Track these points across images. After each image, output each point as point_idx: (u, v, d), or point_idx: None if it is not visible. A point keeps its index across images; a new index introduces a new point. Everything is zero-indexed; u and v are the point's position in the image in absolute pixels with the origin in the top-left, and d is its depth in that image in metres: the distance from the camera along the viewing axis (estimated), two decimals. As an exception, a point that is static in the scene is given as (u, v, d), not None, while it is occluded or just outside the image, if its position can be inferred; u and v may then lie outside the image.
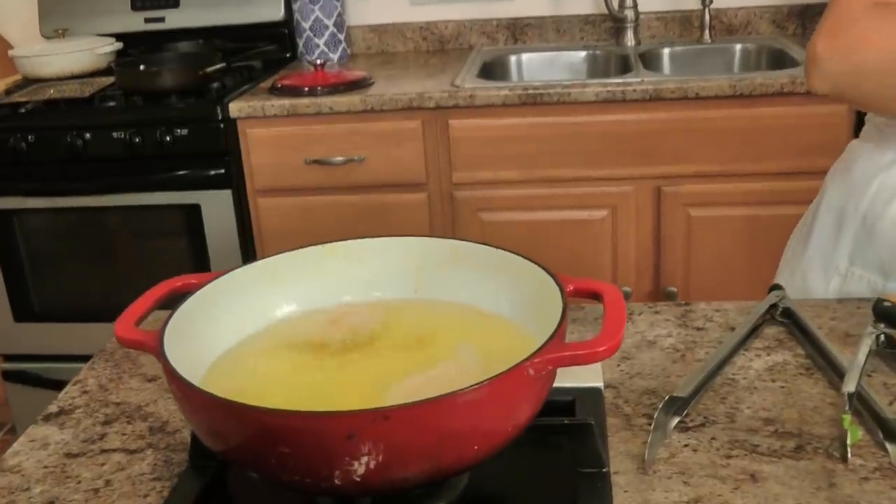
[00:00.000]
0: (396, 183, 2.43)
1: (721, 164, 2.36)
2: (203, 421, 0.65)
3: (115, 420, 0.93)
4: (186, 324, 0.75)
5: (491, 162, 2.40)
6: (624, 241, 2.47)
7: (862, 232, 1.17)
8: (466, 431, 0.61)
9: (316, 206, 2.44)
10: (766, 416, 0.87)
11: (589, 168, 2.40)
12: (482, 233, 2.47)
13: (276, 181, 2.41)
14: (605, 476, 0.74)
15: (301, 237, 2.46)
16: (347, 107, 2.34)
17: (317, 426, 0.58)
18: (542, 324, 0.73)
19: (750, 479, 0.79)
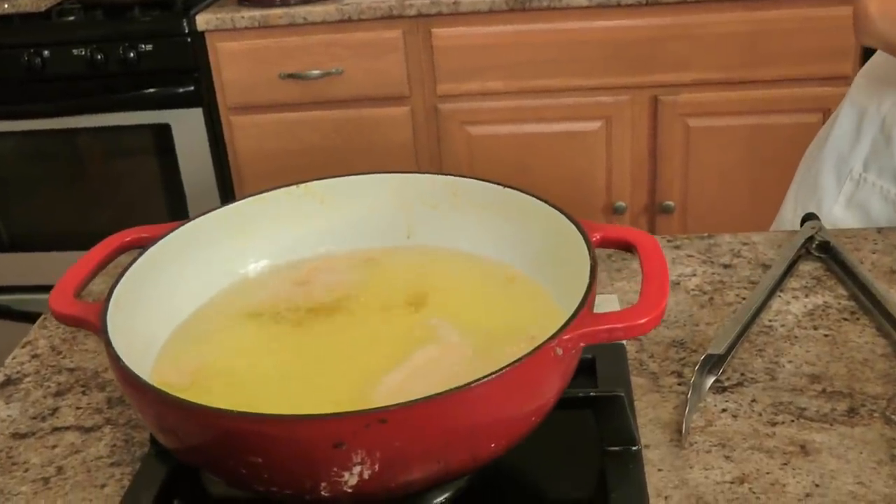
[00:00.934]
0: (377, 96, 2.29)
1: (721, 71, 2.23)
2: (156, 422, 0.54)
3: (68, 390, 0.81)
4: (137, 290, 0.63)
5: (477, 72, 2.26)
6: (619, 153, 2.34)
7: (880, 136, 1.08)
8: (481, 428, 0.50)
9: (292, 122, 2.30)
10: (810, 372, 0.77)
11: (582, 77, 2.26)
12: (469, 147, 2.34)
13: (249, 98, 2.26)
14: (637, 455, 0.64)
15: (278, 156, 2.34)
16: (323, 16, 2.18)
17: (294, 434, 0.47)
18: (560, 280, 0.62)
19: (800, 452, 0.69)
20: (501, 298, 0.68)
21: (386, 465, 0.48)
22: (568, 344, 0.52)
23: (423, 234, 0.73)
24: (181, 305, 0.68)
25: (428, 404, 0.46)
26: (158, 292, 0.66)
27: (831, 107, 2.21)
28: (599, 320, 0.53)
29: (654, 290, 0.55)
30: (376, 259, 0.74)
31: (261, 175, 2.33)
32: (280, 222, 0.73)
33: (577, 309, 0.53)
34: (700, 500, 0.64)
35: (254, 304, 0.69)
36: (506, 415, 0.51)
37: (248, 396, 0.59)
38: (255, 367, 0.63)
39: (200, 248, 0.69)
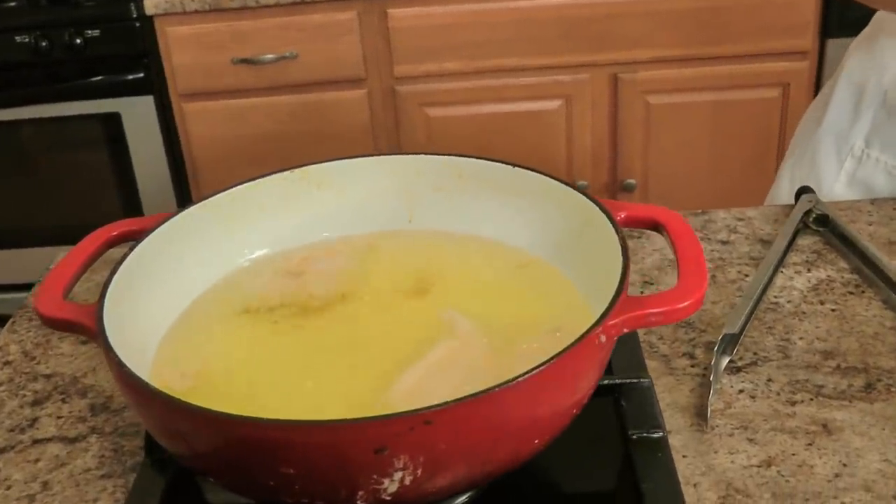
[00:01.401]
0: (333, 80, 2.24)
1: (680, 48, 2.22)
2: (171, 433, 0.49)
3: (46, 399, 0.76)
4: (129, 288, 0.58)
5: (435, 53, 2.22)
6: (579, 132, 2.33)
7: (882, 110, 1.05)
8: (526, 424, 0.47)
9: (247, 108, 2.23)
10: (823, 349, 0.75)
11: (541, 56, 2.24)
12: (428, 129, 2.30)
13: (201, 84, 2.19)
14: (664, 443, 0.61)
15: (232, 143, 2.28)
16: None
17: (333, 440, 0.43)
18: (580, 264, 0.59)
19: (823, 431, 0.67)
20: (516, 286, 0.64)
21: (429, 470, 0.44)
22: (612, 331, 0.49)
23: (426, 218, 0.69)
24: (174, 303, 0.63)
25: (475, 402, 0.43)
26: (151, 290, 0.61)
27: (791, 81, 2.23)
28: (641, 304, 0.50)
29: (692, 271, 0.52)
30: (376, 245, 0.70)
31: (215, 163, 2.27)
32: (275, 209, 0.69)
33: (616, 293, 0.50)
34: (730, 486, 0.62)
35: (251, 299, 0.65)
36: (551, 408, 0.48)
37: (257, 401, 0.55)
38: (259, 368, 0.59)
39: (192, 240, 0.65)
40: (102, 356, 0.80)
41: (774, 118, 2.27)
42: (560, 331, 0.54)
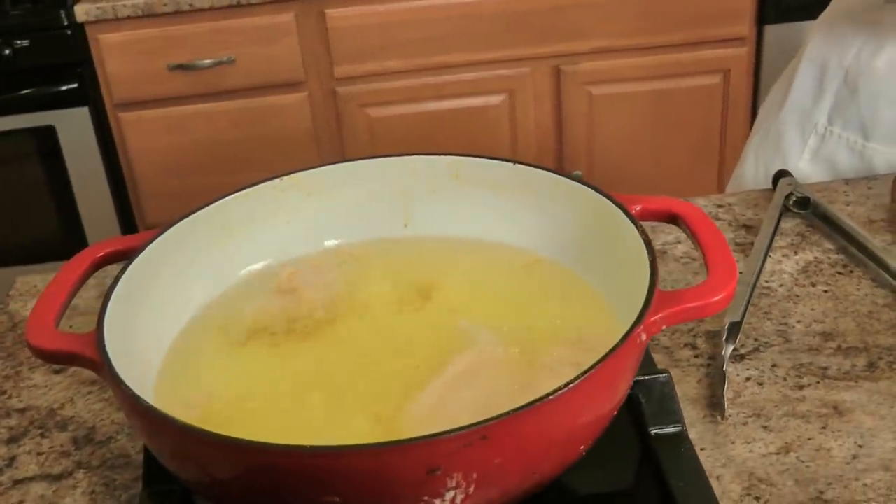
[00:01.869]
0: (272, 83, 2.20)
1: (620, 38, 2.23)
2: (196, 467, 0.46)
3: (23, 435, 0.72)
4: (125, 313, 0.54)
5: (375, 52, 2.20)
6: (523, 126, 2.32)
7: (844, 88, 1.07)
8: (576, 430, 0.45)
9: (185, 116, 2.18)
10: (821, 331, 0.75)
11: (482, 51, 2.23)
12: (370, 130, 2.28)
13: (137, 92, 2.13)
14: (685, 437, 0.60)
15: (172, 152, 2.22)
16: (210, 1, 2.07)
17: (383, 464, 0.40)
18: (593, 262, 0.57)
19: (834, 414, 0.66)
20: (526, 289, 0.62)
21: (482, 486, 0.42)
22: (652, 328, 0.47)
23: (422, 222, 0.67)
24: (169, 327, 0.60)
25: (531, 412, 0.41)
26: (145, 314, 0.58)
27: (731, 68, 2.26)
28: (678, 300, 0.48)
29: (722, 262, 0.51)
30: (371, 254, 0.67)
31: (155, 174, 2.21)
32: (265, 220, 0.66)
33: (650, 290, 0.48)
34: (752, 475, 0.61)
35: (246, 321, 0.62)
36: (597, 412, 0.46)
37: (273, 428, 0.52)
38: (266, 393, 0.56)
39: (184, 258, 0.61)
40: (78, 384, 0.77)
41: (716, 104, 2.29)
42: (582, 340, 0.52)
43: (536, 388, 0.44)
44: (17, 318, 0.87)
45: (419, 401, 0.53)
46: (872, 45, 1.03)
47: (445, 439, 0.40)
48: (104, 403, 0.75)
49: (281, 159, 2.26)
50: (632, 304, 0.51)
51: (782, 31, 2.18)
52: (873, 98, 1.04)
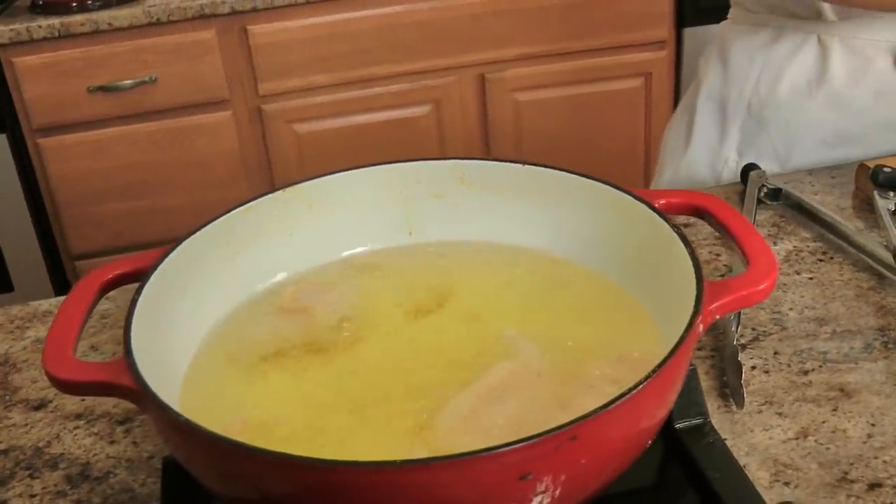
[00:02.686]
0: (196, 103, 2.15)
1: (544, 44, 2.25)
2: (268, 493, 0.43)
3: (10, 477, 0.67)
4: (144, 338, 0.52)
5: (299, 68, 2.17)
6: (451, 135, 2.33)
7: (749, 120, 1.09)
8: (651, 423, 0.45)
9: (107, 139, 2.12)
10: (814, 316, 0.76)
11: (406, 62, 2.23)
12: (298, 146, 2.25)
13: (56, 117, 2.06)
14: (709, 428, 0.60)
15: (95, 177, 2.15)
16: (129, 20, 2.01)
17: (477, 472, 0.39)
18: (616, 260, 0.57)
19: (842, 396, 0.68)
20: (551, 292, 0.61)
21: (567, 488, 0.41)
22: (708, 318, 0.47)
23: (427, 230, 0.66)
24: (185, 350, 0.57)
25: (618, 410, 0.40)
26: (161, 339, 0.55)
27: (652, 70, 2.30)
28: (728, 289, 0.49)
29: (760, 251, 0.51)
30: (378, 265, 0.66)
31: (78, 201, 2.13)
32: (269, 235, 0.64)
33: (698, 280, 0.48)
34: (777, 462, 0.62)
35: (259, 343, 0.60)
36: (668, 402, 0.46)
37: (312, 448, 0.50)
38: (295, 415, 0.54)
39: (193, 279, 0.59)
40: (62, 418, 0.74)
41: (639, 107, 2.34)
42: (623, 354, 0.52)
43: (576, 404, 0.43)
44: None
45: (451, 407, 0.52)
46: (770, 74, 1.06)
47: (537, 443, 0.39)
48: (94, 437, 0.71)
49: (208, 180, 2.21)
50: (667, 302, 0.51)
51: (701, 33, 2.23)
52: (782, 126, 1.06)
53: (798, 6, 1.02)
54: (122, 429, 0.72)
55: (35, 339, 0.84)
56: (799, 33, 1.03)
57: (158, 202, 2.19)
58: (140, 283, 0.55)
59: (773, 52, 1.05)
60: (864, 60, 1.01)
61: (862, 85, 1.01)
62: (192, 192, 2.20)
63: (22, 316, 0.88)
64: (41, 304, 0.90)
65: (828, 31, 1.02)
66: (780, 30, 1.05)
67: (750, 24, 1.08)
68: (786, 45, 1.04)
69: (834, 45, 1.02)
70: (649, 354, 0.46)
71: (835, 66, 1.02)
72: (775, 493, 0.59)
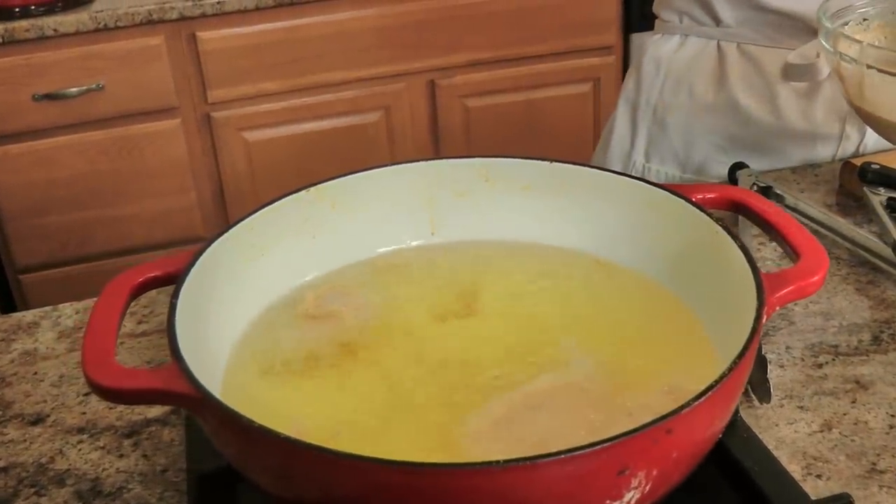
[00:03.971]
0: (143, 110, 2.10)
1: (492, 50, 2.26)
2: (342, 497, 0.42)
3: (13, 497, 0.64)
4: (185, 345, 0.50)
5: (249, 75, 2.14)
6: (401, 141, 2.32)
7: (654, 125, 1.14)
8: (727, 416, 0.44)
9: (54, 149, 2.05)
10: (820, 311, 0.78)
11: (356, 69, 2.21)
12: (247, 154, 2.22)
13: (1, 125, 1.98)
14: (742, 422, 0.60)
15: (42, 188, 2.08)
16: (75, 26, 1.96)
17: (578, 469, 0.38)
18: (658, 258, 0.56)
19: (859, 388, 0.69)
20: (594, 295, 0.60)
21: (656, 482, 0.41)
22: (770, 309, 0.47)
23: (451, 229, 0.65)
24: (215, 358, 0.56)
25: (708, 401, 0.39)
26: (197, 343, 0.53)
27: (601, 76, 2.33)
28: (785, 281, 0.49)
29: (808, 243, 0.51)
30: (402, 265, 0.65)
31: (24, 213, 2.07)
32: (293, 236, 0.62)
33: (755, 273, 0.48)
34: (806, 455, 0.63)
35: (290, 349, 0.58)
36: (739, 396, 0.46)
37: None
38: (342, 418, 0.53)
39: (223, 283, 0.57)
40: (63, 433, 0.71)
41: (588, 112, 2.36)
42: (673, 385, 0.52)
43: (609, 430, 0.43)
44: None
45: (484, 411, 0.51)
46: (673, 80, 1.10)
47: (636, 437, 0.38)
48: (101, 451, 0.69)
49: (156, 189, 2.16)
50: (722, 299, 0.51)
51: (648, 39, 2.26)
52: (682, 131, 1.11)
53: (699, 11, 1.07)
54: (130, 442, 0.70)
55: (22, 351, 0.81)
56: (702, 39, 1.08)
57: (107, 212, 2.13)
58: (175, 286, 0.53)
59: (676, 58, 1.10)
60: (756, 67, 1.05)
61: (753, 92, 1.05)
62: (141, 202, 2.15)
63: (6, 328, 0.85)
64: (25, 316, 0.86)
65: (727, 38, 1.06)
66: (685, 37, 1.10)
67: (662, 33, 1.14)
68: (689, 52, 1.09)
69: (731, 52, 1.06)
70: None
71: (731, 73, 1.06)
72: (809, 486, 0.60)
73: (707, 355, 0.51)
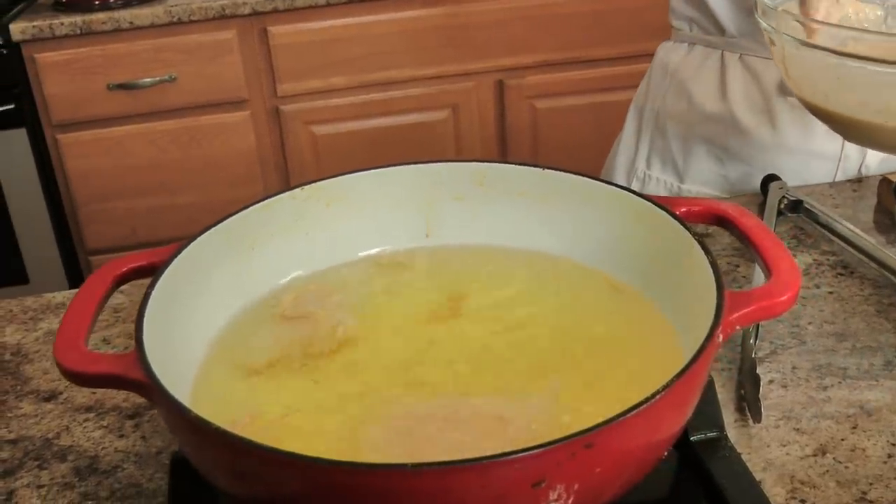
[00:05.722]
0: (214, 102, 2.15)
1: (563, 51, 2.25)
2: (271, 491, 0.43)
3: (19, 468, 0.67)
4: (155, 333, 0.51)
5: (319, 69, 2.17)
6: (468, 140, 2.32)
7: (656, 131, 1.12)
8: (665, 433, 0.44)
9: (125, 136, 2.12)
10: (833, 331, 0.75)
11: (425, 67, 2.22)
12: (315, 148, 2.25)
13: (76, 113, 2.06)
14: (727, 441, 0.59)
15: (113, 174, 2.15)
16: (150, 19, 2.02)
17: (488, 478, 0.38)
18: (639, 268, 0.56)
19: (862, 413, 0.66)
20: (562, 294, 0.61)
21: (580, 497, 0.40)
22: (728, 329, 0.46)
23: (445, 232, 0.65)
24: (192, 350, 0.57)
25: (636, 417, 0.39)
26: (172, 335, 0.54)
27: (670, 79, 2.29)
28: (749, 300, 0.48)
29: (783, 261, 0.50)
30: (392, 265, 0.65)
31: (95, 196, 2.14)
32: (285, 233, 0.63)
33: (719, 289, 0.47)
34: (794, 478, 0.61)
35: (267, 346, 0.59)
36: (683, 414, 0.45)
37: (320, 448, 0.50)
38: (307, 412, 0.53)
39: (208, 273, 0.58)
40: (71, 411, 0.73)
41: (657, 116, 2.32)
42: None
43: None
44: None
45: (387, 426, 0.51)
46: (677, 89, 1.08)
47: (553, 449, 0.38)
48: (104, 431, 0.71)
49: (224, 179, 2.21)
50: (689, 311, 0.50)
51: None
52: (682, 141, 1.08)
53: (705, 20, 1.05)
54: (132, 423, 0.72)
55: (47, 330, 0.84)
56: (707, 49, 1.06)
57: (174, 200, 2.19)
58: (154, 277, 0.54)
59: (682, 66, 1.08)
60: (755, 79, 1.02)
61: (752, 105, 1.02)
62: (208, 191, 2.21)
63: (36, 307, 0.88)
64: (54, 297, 0.89)
65: (730, 47, 1.04)
66: (693, 46, 1.08)
67: (674, 41, 1.12)
68: (693, 61, 1.07)
69: (733, 63, 1.03)
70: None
71: (731, 84, 1.03)
72: (791, 511, 0.58)
73: (674, 349, 0.51)
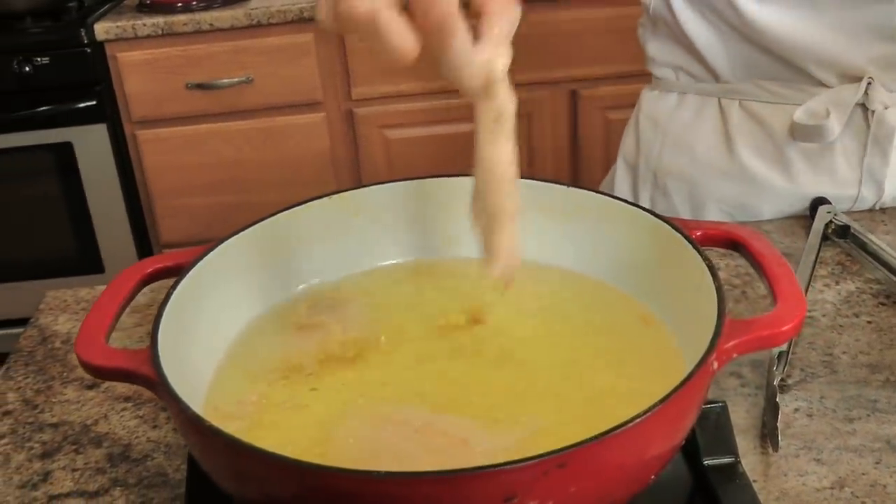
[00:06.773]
0: (290, 104, 2.20)
1: (639, 63, 2.22)
2: (258, 490, 0.44)
3: (57, 451, 0.70)
4: (174, 332, 0.53)
5: (392, 74, 2.20)
6: (540, 149, 2.32)
7: (656, 192, 1.05)
8: (648, 458, 0.44)
9: (202, 135, 2.18)
10: (867, 362, 0.73)
11: (499, 74, 2.22)
12: (387, 151, 2.28)
13: (155, 110, 2.13)
14: (740, 468, 0.59)
15: (188, 171, 2.22)
16: (230, 22, 2.07)
17: (459, 491, 0.39)
18: (653, 289, 0.56)
19: (887, 448, 0.65)
20: (576, 311, 0.61)
21: (554, 516, 0.41)
22: (723, 356, 0.46)
23: (468, 246, 0.66)
24: (209, 353, 0.59)
25: (611, 440, 0.39)
26: (192, 333, 0.56)
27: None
28: (749, 328, 0.47)
29: (789, 291, 0.50)
30: (412, 276, 0.66)
31: (171, 192, 2.20)
32: (311, 241, 0.65)
33: (720, 316, 0.47)
34: (807, 510, 0.60)
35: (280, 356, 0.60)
36: (670, 441, 0.45)
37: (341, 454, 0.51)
38: (330, 429, 0.55)
39: (232, 277, 0.60)
40: (112, 400, 0.76)
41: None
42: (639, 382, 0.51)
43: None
44: (48, 333, 0.86)
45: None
46: (672, 143, 1.02)
47: (522, 467, 0.39)
48: (139, 420, 0.74)
49: (297, 179, 2.26)
50: (696, 332, 0.50)
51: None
52: (687, 198, 1.03)
53: (696, 66, 0.98)
54: (166, 415, 0.74)
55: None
56: (701, 97, 0.99)
57: (248, 198, 2.24)
58: (178, 278, 0.57)
59: (675, 119, 1.02)
60: (762, 127, 0.96)
61: (761, 154, 0.97)
62: (282, 191, 2.25)
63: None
64: (105, 290, 0.93)
65: (727, 94, 0.97)
66: (683, 95, 1.01)
67: (659, 90, 1.05)
68: (688, 111, 1.01)
69: (734, 111, 0.97)
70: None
71: (736, 134, 0.97)
72: (801, 543, 0.58)
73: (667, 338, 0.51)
